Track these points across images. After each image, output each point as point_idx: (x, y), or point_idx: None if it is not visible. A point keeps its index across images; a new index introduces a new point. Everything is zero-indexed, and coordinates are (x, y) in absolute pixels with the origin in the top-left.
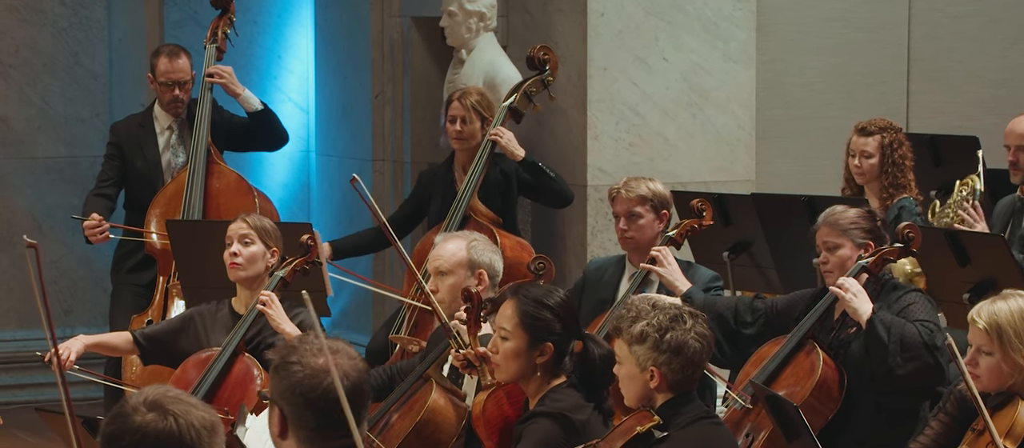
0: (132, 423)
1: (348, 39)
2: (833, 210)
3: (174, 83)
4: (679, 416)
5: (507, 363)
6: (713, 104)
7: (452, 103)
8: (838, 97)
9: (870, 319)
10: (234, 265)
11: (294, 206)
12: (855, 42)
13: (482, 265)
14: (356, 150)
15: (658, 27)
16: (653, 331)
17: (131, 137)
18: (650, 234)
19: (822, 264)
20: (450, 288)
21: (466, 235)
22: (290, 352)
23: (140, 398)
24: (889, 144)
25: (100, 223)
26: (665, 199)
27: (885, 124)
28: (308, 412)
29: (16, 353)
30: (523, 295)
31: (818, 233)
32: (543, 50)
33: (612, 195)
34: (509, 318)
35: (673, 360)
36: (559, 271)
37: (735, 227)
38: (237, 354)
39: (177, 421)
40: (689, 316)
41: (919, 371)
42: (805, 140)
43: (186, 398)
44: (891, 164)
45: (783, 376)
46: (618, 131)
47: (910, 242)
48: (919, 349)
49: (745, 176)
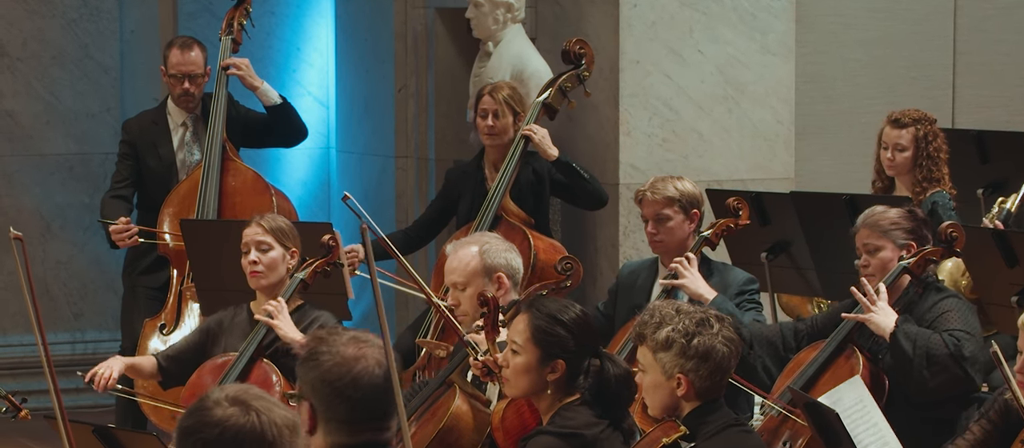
0: (213, 416)
1: (370, 31)
2: (873, 211)
3: (185, 76)
4: (706, 425)
5: (517, 378)
6: (750, 98)
7: (483, 97)
8: (881, 91)
9: (893, 333)
10: (254, 274)
11: (314, 205)
12: (899, 34)
13: (499, 268)
14: (378, 146)
15: (693, 18)
16: (679, 336)
17: (144, 134)
18: (681, 236)
19: (863, 267)
20: (469, 298)
21: (477, 239)
22: (318, 343)
23: (222, 393)
24: (924, 136)
25: (128, 226)
26: (695, 198)
27: (919, 115)
28: (338, 401)
29: (24, 358)
30: (537, 309)
31: (858, 235)
32: (578, 43)
33: (638, 198)
34: (521, 332)
35: (701, 366)
36: (590, 273)
37: (773, 227)
38: (255, 360)
39: (259, 417)
40: (715, 320)
41: (948, 383)
42: (846, 136)
43: (268, 396)
44: (925, 157)
45: (822, 381)
46: (651, 127)
47: (953, 242)
48: (945, 361)
49: (784, 174)
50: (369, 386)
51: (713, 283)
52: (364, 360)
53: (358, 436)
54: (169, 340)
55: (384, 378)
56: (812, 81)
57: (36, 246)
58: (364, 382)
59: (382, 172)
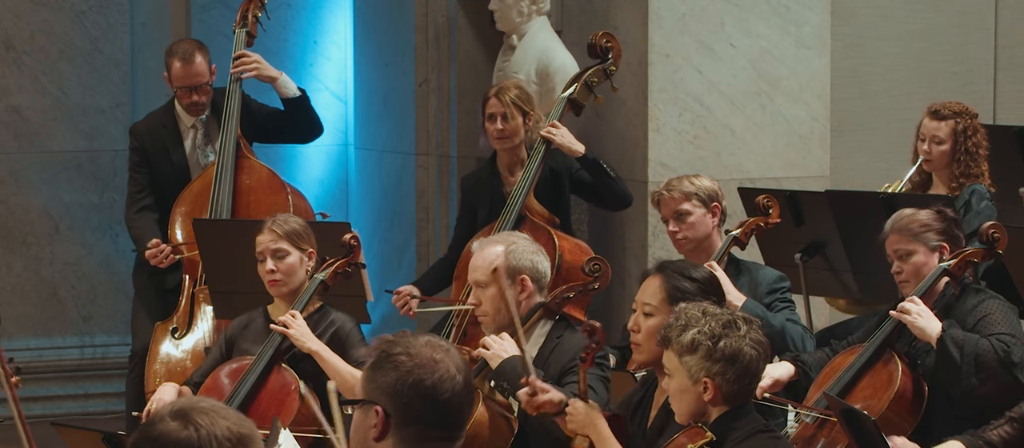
0: (153, 431)
1: (390, 23)
2: (901, 214)
3: (191, 88)
4: (734, 431)
5: (649, 340)
6: (784, 94)
7: (489, 100)
8: (919, 86)
9: (940, 339)
10: (273, 283)
11: (331, 204)
12: (938, 27)
13: (523, 270)
14: (398, 143)
15: (724, 10)
16: (705, 339)
17: (154, 138)
18: (704, 230)
19: (896, 274)
20: (491, 299)
21: (504, 238)
22: (391, 345)
23: (170, 408)
24: (963, 130)
25: (161, 248)
26: (713, 192)
27: (960, 108)
28: (419, 403)
29: (30, 363)
30: (669, 270)
31: (887, 241)
32: (605, 37)
33: (655, 200)
34: (654, 293)
35: (728, 369)
36: (618, 274)
37: (808, 227)
38: (273, 365)
39: (198, 430)
40: (743, 322)
41: (997, 390)
42: (884, 133)
43: (219, 409)
44: (964, 152)
45: (859, 387)
46: (681, 123)
47: (995, 243)
48: (994, 368)
49: (819, 171)
50: (451, 391)
51: (743, 283)
52: (445, 364)
53: (429, 444)
54: (181, 344)
55: (465, 386)
56: (848, 76)
57: (44, 247)
58: (447, 386)
59: (402, 170)
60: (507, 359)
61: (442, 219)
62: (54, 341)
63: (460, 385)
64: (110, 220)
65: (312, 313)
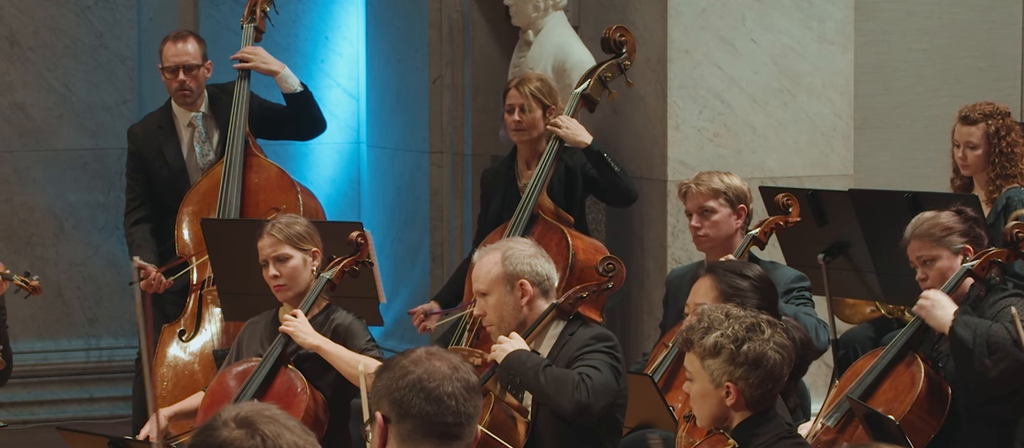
0: (217, 437)
1: (403, 18)
2: (921, 219)
3: (178, 67)
4: (757, 437)
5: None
6: (806, 90)
7: (509, 91)
8: (945, 83)
9: (952, 325)
10: (278, 288)
11: (343, 203)
12: (964, 22)
13: (521, 275)
14: (411, 141)
15: (746, 5)
16: (728, 342)
17: (149, 140)
18: (727, 231)
19: (921, 281)
20: (494, 307)
21: (501, 245)
22: (400, 357)
23: (233, 412)
24: (995, 132)
25: (152, 277)
26: (742, 193)
27: (990, 109)
28: (414, 396)
29: (35, 366)
30: (720, 269)
31: (909, 248)
32: (619, 31)
33: (682, 191)
34: (706, 293)
35: (751, 374)
36: (636, 275)
37: (831, 227)
38: (279, 367)
39: (264, 442)
40: (767, 325)
41: (1012, 371)
42: (909, 130)
43: (284, 420)
44: (998, 154)
45: (881, 390)
46: (701, 120)
47: (1019, 243)
48: (1007, 347)
49: (842, 170)
50: (447, 384)
51: None
52: (438, 359)
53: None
54: (188, 346)
55: (463, 381)
56: (872, 72)
57: (48, 247)
58: (439, 377)
59: (415, 168)
60: (511, 353)
61: (456, 218)
62: (59, 344)
63: (456, 379)
64: (116, 220)
65: (317, 314)
